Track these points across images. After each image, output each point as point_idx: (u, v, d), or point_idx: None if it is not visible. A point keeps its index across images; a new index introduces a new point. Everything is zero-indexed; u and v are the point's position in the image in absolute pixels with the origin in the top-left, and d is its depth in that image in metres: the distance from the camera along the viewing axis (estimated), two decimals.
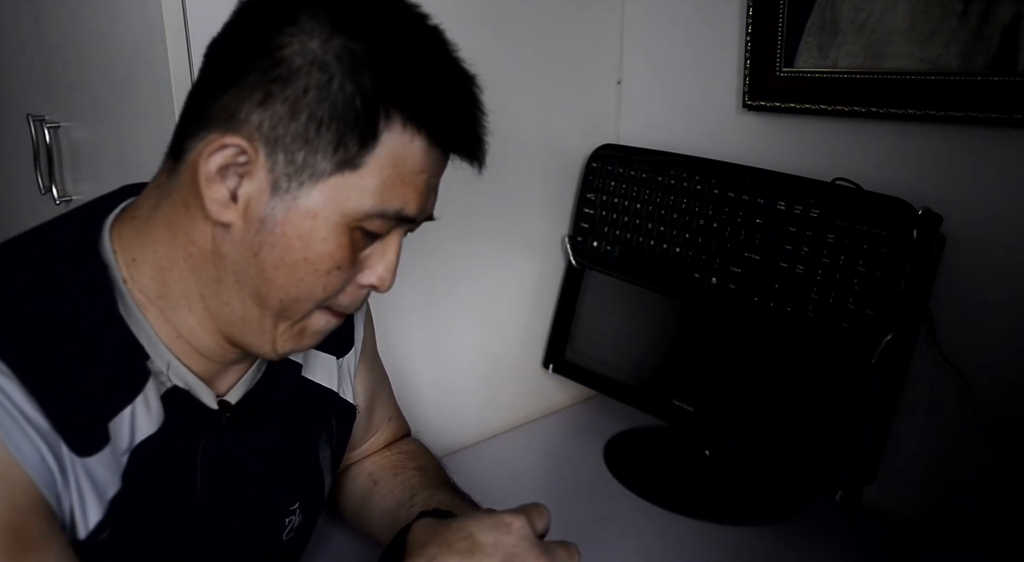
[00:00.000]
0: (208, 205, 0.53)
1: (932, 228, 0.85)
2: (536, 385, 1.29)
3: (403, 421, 0.91)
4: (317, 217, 0.53)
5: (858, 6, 0.96)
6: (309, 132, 0.51)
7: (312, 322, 0.58)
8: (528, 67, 1.13)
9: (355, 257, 0.56)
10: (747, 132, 1.11)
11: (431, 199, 0.58)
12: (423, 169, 0.55)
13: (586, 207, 1.17)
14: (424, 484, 0.79)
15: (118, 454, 0.54)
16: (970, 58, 0.87)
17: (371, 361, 0.82)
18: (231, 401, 0.63)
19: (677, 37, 1.18)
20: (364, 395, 0.80)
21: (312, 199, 0.52)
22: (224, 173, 0.52)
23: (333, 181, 0.52)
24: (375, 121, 0.52)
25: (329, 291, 0.56)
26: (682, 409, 1.07)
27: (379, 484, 0.81)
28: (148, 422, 0.56)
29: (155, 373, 0.57)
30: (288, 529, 0.69)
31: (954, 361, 0.93)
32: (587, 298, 1.22)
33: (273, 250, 0.53)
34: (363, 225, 0.54)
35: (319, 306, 0.57)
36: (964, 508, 0.96)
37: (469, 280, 1.15)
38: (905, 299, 0.86)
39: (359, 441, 0.84)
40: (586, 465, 1.14)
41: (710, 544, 0.96)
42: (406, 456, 0.85)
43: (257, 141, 0.52)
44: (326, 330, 0.60)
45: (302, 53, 0.51)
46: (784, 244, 0.94)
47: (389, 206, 0.54)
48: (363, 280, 0.58)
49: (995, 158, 0.88)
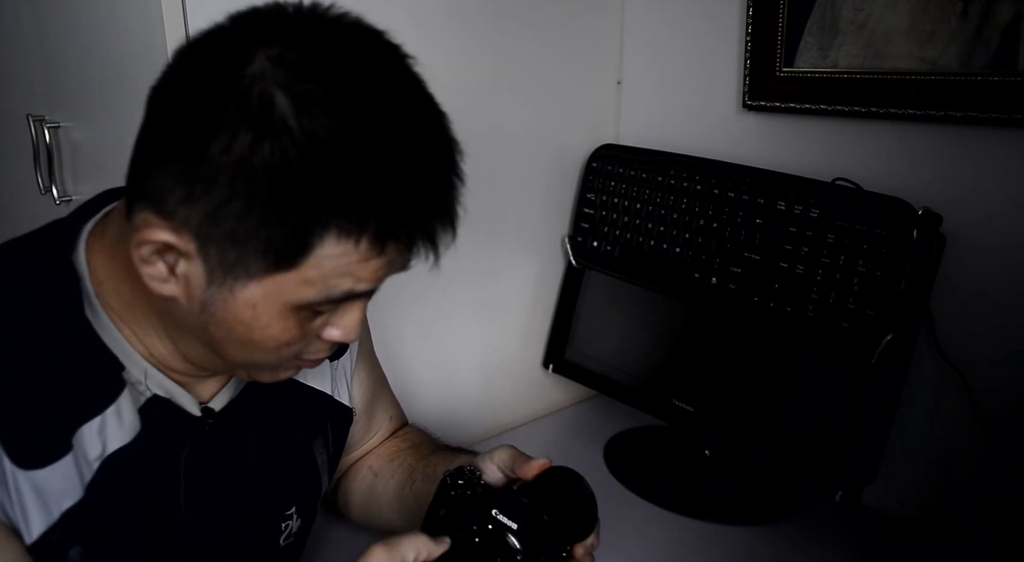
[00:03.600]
0: (147, 281, 0.50)
1: (932, 228, 0.85)
2: (536, 385, 1.29)
3: (402, 415, 0.91)
4: (256, 307, 0.50)
5: (858, 6, 0.96)
6: (237, 236, 0.47)
7: (284, 371, 0.58)
8: (528, 67, 1.13)
9: (307, 330, 0.53)
10: (747, 132, 1.11)
11: (396, 266, 0.53)
12: (370, 259, 0.49)
13: (586, 207, 1.17)
14: (419, 458, 0.79)
15: (85, 464, 0.54)
16: (970, 58, 0.87)
17: (369, 361, 0.81)
18: (215, 407, 0.62)
19: (677, 37, 1.18)
20: (364, 396, 0.80)
21: (250, 292, 0.49)
22: (161, 253, 0.49)
23: (269, 279, 0.48)
24: (305, 235, 0.47)
25: (286, 355, 0.54)
26: (682, 409, 1.07)
27: (379, 475, 0.81)
28: (120, 432, 0.55)
29: (132, 383, 0.56)
30: (286, 534, 0.69)
31: (954, 361, 0.93)
32: (587, 298, 1.22)
33: (219, 329, 0.52)
34: (311, 308, 0.51)
35: (282, 362, 0.56)
36: (964, 508, 0.96)
37: (469, 280, 1.15)
38: (905, 299, 0.86)
39: (359, 441, 0.84)
40: (586, 465, 1.14)
41: (710, 544, 0.96)
42: (399, 439, 0.86)
43: (187, 234, 0.48)
44: (308, 366, 0.59)
45: (227, 153, 0.45)
46: (784, 244, 0.94)
47: (335, 291, 0.50)
48: (327, 336, 0.55)
49: (995, 158, 0.88)
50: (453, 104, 1.07)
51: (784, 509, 1.02)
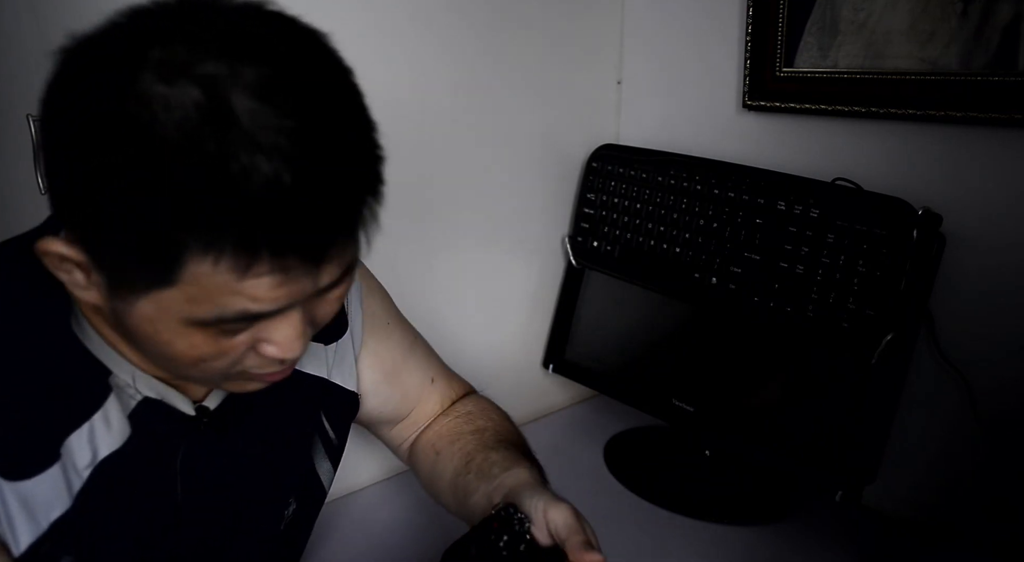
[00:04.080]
0: (71, 289, 0.49)
1: (932, 228, 0.85)
2: (536, 385, 1.29)
3: (456, 381, 0.86)
4: (155, 322, 0.47)
5: (858, 6, 0.96)
6: (113, 251, 0.45)
7: (237, 383, 0.55)
8: (528, 67, 1.13)
9: (228, 346, 0.49)
10: (747, 132, 1.11)
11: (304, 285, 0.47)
12: (247, 277, 0.44)
13: (586, 207, 1.17)
14: (479, 446, 0.75)
15: (74, 473, 0.53)
16: (970, 58, 0.87)
17: (383, 334, 0.78)
18: (210, 406, 0.61)
19: (677, 37, 1.18)
20: (379, 375, 0.77)
21: (143, 307, 0.47)
22: (62, 262, 0.48)
23: (155, 295, 0.46)
24: (167, 253, 0.43)
25: (218, 371, 0.51)
26: (682, 409, 1.07)
27: (440, 454, 0.78)
28: (110, 438, 0.55)
29: (120, 387, 0.56)
30: (285, 520, 0.69)
31: (954, 361, 0.93)
32: (587, 298, 1.22)
33: (138, 340, 0.50)
34: (217, 326, 0.47)
35: (229, 375, 0.52)
36: (964, 508, 0.96)
37: (469, 280, 1.15)
38: (905, 299, 0.86)
39: (400, 414, 0.81)
40: (586, 465, 1.14)
41: (710, 544, 0.96)
42: (463, 420, 0.81)
43: (77, 246, 0.46)
44: (267, 381, 0.55)
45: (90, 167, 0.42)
46: (784, 244, 0.94)
47: (228, 311, 0.46)
48: (264, 352, 0.51)
49: (995, 158, 0.88)
50: (453, 104, 1.08)
51: (784, 509, 1.02)
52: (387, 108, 1.04)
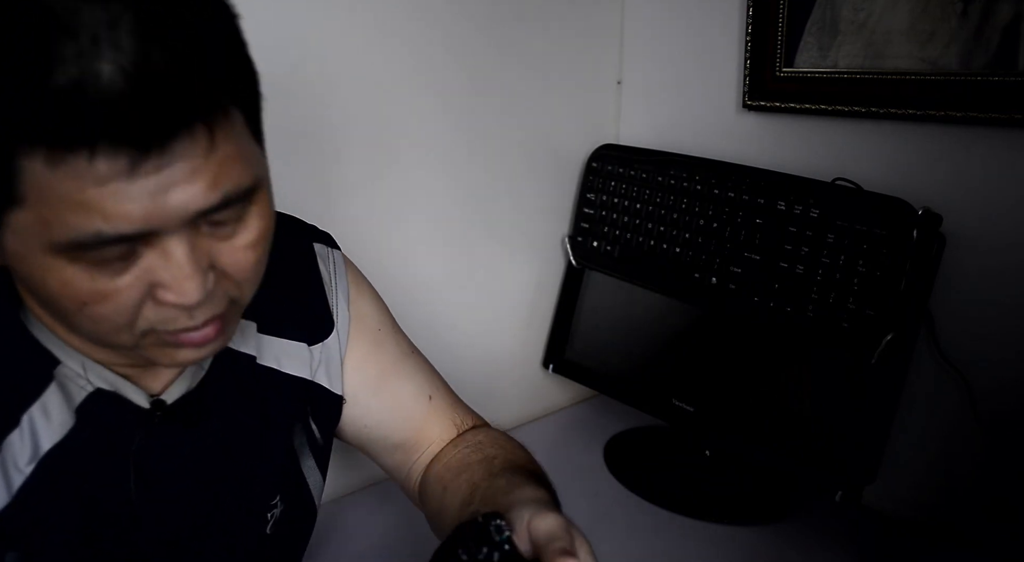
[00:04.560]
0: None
1: (932, 228, 0.85)
2: (536, 385, 1.29)
3: (463, 410, 0.81)
4: (24, 259, 0.45)
5: (858, 6, 0.96)
6: None
7: (158, 351, 0.52)
8: (528, 67, 1.13)
9: (105, 286, 0.46)
10: (747, 132, 1.11)
11: (161, 199, 0.44)
12: (95, 182, 0.42)
13: (586, 207, 1.17)
14: (486, 475, 0.69)
15: (14, 469, 0.53)
16: (970, 58, 0.87)
17: (371, 339, 0.75)
18: (167, 400, 0.60)
19: (677, 37, 1.18)
20: (363, 378, 0.74)
21: (10, 242, 0.45)
22: None
23: (9, 221, 0.44)
24: (4, 161, 0.42)
25: (116, 324, 0.48)
26: (682, 409, 1.07)
27: (447, 489, 0.72)
28: (50, 430, 0.54)
29: (69, 377, 0.55)
30: (272, 522, 0.67)
31: (954, 361, 0.93)
32: (587, 298, 1.22)
33: (36, 298, 0.48)
34: (82, 256, 0.45)
35: (141, 336, 0.50)
36: (964, 508, 0.96)
37: (469, 280, 1.15)
38: (905, 299, 0.86)
39: (394, 433, 0.76)
40: (586, 465, 1.14)
41: (710, 544, 0.96)
42: (472, 449, 0.74)
43: None
44: (198, 350, 0.52)
45: None
46: (784, 244, 0.94)
47: (83, 233, 0.43)
48: (159, 298, 0.48)
49: (995, 158, 0.88)
50: (453, 104, 1.08)
51: (784, 509, 1.02)
52: (387, 108, 1.05)
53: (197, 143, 0.44)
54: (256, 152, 0.51)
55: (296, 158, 0.92)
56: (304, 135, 0.93)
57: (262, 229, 0.51)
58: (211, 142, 0.45)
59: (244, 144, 0.48)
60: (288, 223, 0.72)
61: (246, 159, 0.48)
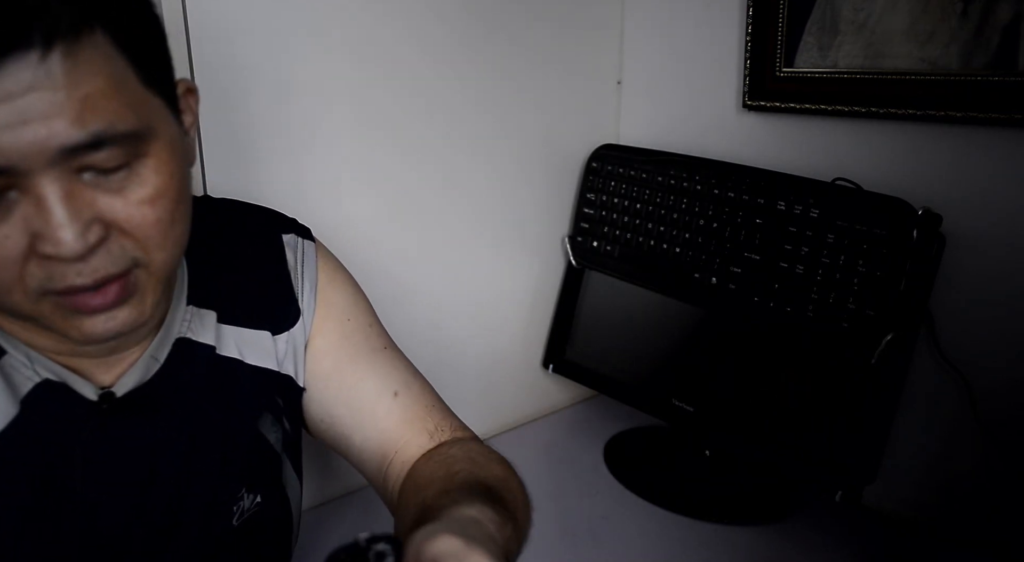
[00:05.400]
0: None
1: (932, 228, 0.85)
2: (536, 385, 1.29)
3: (445, 416, 0.74)
4: None
5: (858, 6, 0.96)
6: None
7: (58, 317, 0.49)
8: (528, 67, 1.13)
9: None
10: (747, 132, 1.11)
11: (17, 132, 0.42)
12: None
13: (586, 207, 1.17)
14: (439, 493, 0.61)
15: None
16: (970, 58, 0.87)
17: (337, 327, 0.72)
18: (117, 392, 0.59)
19: (677, 37, 1.18)
20: (321, 366, 0.70)
21: None
22: None
23: None
24: None
25: (4, 281, 0.47)
26: (682, 409, 1.07)
27: (408, 508, 0.65)
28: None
29: (15, 368, 0.55)
30: (238, 514, 0.65)
31: (954, 361, 0.93)
32: (587, 298, 1.22)
33: None
34: None
35: (37, 298, 0.48)
36: (964, 508, 0.96)
37: (469, 280, 1.15)
38: (905, 299, 0.86)
39: (355, 433, 0.71)
40: (586, 465, 1.14)
41: (710, 544, 0.96)
42: (439, 464, 0.66)
43: None
44: (106, 320, 0.50)
45: None
46: (784, 244, 0.94)
47: None
48: (41, 250, 0.46)
49: (995, 158, 0.88)
50: (454, 104, 1.08)
51: (784, 509, 1.03)
52: (387, 108, 1.05)
53: (49, 67, 0.41)
54: (147, 98, 0.48)
55: (297, 158, 0.92)
56: (305, 135, 0.93)
57: (159, 185, 0.49)
58: (68, 69, 0.42)
59: (122, 84, 0.46)
60: (258, 214, 0.72)
61: (124, 100, 0.46)
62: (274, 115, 0.90)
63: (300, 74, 0.91)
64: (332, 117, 0.95)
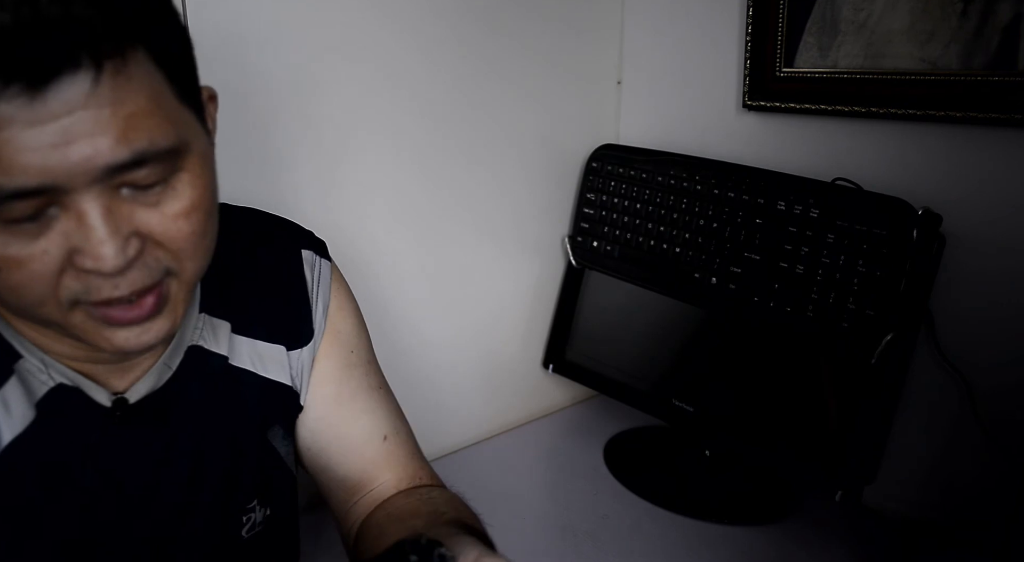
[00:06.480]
0: None
1: (932, 228, 0.85)
2: (536, 385, 1.29)
3: (421, 464, 0.75)
4: None
5: (858, 6, 0.96)
6: None
7: (88, 327, 0.49)
8: (528, 67, 1.13)
9: (19, 252, 0.45)
10: (747, 132, 1.11)
11: (63, 152, 0.42)
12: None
13: (586, 207, 1.17)
14: (429, 524, 0.64)
15: None
16: (970, 58, 0.87)
17: (341, 357, 0.72)
18: (130, 398, 0.59)
19: (677, 37, 1.18)
20: (326, 396, 0.71)
21: None
22: None
23: None
24: None
25: (32, 295, 0.46)
26: (682, 409, 1.07)
27: (384, 534, 0.66)
28: (10, 422, 0.53)
29: (31, 372, 0.55)
30: (248, 525, 0.65)
31: (954, 361, 0.93)
32: (587, 298, 1.22)
33: None
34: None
35: (69, 308, 0.48)
36: (964, 508, 0.96)
37: (469, 280, 1.15)
38: (905, 299, 0.86)
39: (334, 467, 0.71)
40: (586, 465, 1.14)
41: (710, 544, 0.96)
42: (422, 501, 0.69)
43: None
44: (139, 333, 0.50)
45: None
46: (784, 244, 0.94)
47: None
48: (80, 264, 0.46)
49: (995, 158, 0.88)
50: (454, 104, 1.08)
51: (784, 509, 1.03)
52: (387, 109, 1.05)
53: (98, 88, 0.42)
54: (182, 113, 0.49)
55: (299, 161, 0.92)
56: (306, 137, 0.93)
57: (194, 198, 0.49)
58: (114, 88, 0.42)
59: (161, 100, 0.46)
60: (280, 225, 0.71)
61: (164, 116, 0.46)
62: (268, 119, 0.90)
63: (296, 77, 0.91)
64: (331, 119, 0.95)
